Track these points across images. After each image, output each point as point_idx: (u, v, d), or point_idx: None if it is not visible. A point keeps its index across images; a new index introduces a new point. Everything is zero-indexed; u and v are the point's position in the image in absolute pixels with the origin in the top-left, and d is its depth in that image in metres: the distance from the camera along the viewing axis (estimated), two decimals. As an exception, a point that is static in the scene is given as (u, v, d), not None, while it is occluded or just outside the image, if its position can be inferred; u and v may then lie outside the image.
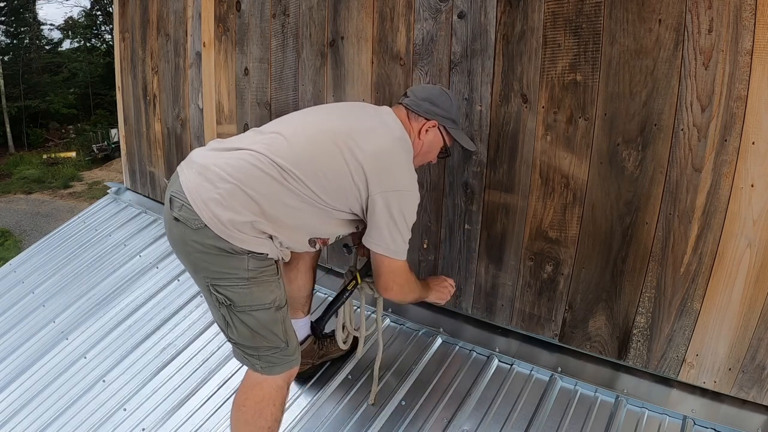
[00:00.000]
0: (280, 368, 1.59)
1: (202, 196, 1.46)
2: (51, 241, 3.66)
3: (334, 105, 1.95)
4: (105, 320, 2.67)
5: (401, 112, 1.70)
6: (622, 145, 1.66)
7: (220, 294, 1.50)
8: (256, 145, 1.53)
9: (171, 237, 1.56)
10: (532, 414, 1.77)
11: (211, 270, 1.49)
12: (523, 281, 1.95)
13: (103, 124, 23.92)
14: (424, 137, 1.69)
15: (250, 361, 1.58)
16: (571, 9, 1.66)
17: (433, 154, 1.76)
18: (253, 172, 1.48)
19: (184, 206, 1.47)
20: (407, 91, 1.75)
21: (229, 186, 1.46)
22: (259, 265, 1.50)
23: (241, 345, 1.57)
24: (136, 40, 3.45)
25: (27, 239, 14.58)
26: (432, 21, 1.96)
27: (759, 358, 1.57)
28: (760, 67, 1.41)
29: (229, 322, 1.54)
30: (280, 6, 2.45)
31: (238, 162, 1.49)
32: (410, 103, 1.69)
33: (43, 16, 41.75)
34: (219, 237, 1.44)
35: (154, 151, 3.51)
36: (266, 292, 1.52)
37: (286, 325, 1.60)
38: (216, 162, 1.51)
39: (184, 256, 1.55)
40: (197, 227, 1.45)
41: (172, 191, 1.53)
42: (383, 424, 1.81)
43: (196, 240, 1.46)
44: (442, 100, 1.70)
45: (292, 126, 1.63)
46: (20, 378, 2.48)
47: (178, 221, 1.49)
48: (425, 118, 1.68)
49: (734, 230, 1.54)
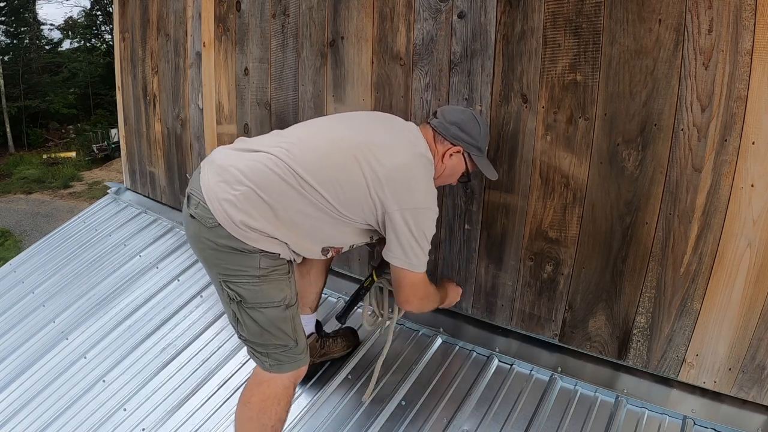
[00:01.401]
0: (289, 366, 1.61)
1: (218, 196, 1.48)
2: (51, 241, 3.66)
3: (361, 114, 1.92)
4: (105, 320, 2.67)
5: (428, 132, 1.69)
6: (622, 145, 1.66)
7: (231, 290, 1.53)
8: (275, 149, 1.54)
9: (187, 232, 1.61)
10: (532, 414, 1.77)
11: (223, 267, 1.52)
12: (523, 281, 1.95)
13: (103, 124, 23.93)
14: (447, 161, 1.69)
15: (259, 359, 1.61)
16: (571, 9, 1.66)
17: (454, 178, 1.77)
18: (269, 177, 1.50)
19: (200, 204, 1.51)
20: (437, 110, 1.74)
21: (245, 189, 1.48)
22: (271, 263, 1.53)
23: (251, 342, 1.60)
24: (136, 40, 3.45)
25: (27, 239, 14.58)
26: (432, 21, 1.96)
27: (759, 358, 1.57)
28: (760, 67, 1.41)
29: (239, 318, 1.57)
30: (280, 6, 2.45)
31: (256, 165, 1.51)
32: (438, 126, 1.68)
33: (43, 16, 41.77)
34: (232, 236, 1.47)
35: (154, 151, 3.51)
36: (276, 290, 1.55)
37: (296, 324, 1.62)
38: (235, 163, 1.53)
39: (198, 252, 1.59)
40: (211, 225, 1.48)
41: (191, 189, 1.57)
42: (383, 424, 1.81)
43: (209, 238, 1.50)
44: (470, 126, 1.68)
45: (314, 133, 1.64)
46: (20, 378, 2.47)
47: (193, 218, 1.53)
48: (451, 143, 1.67)
49: (734, 230, 1.54)
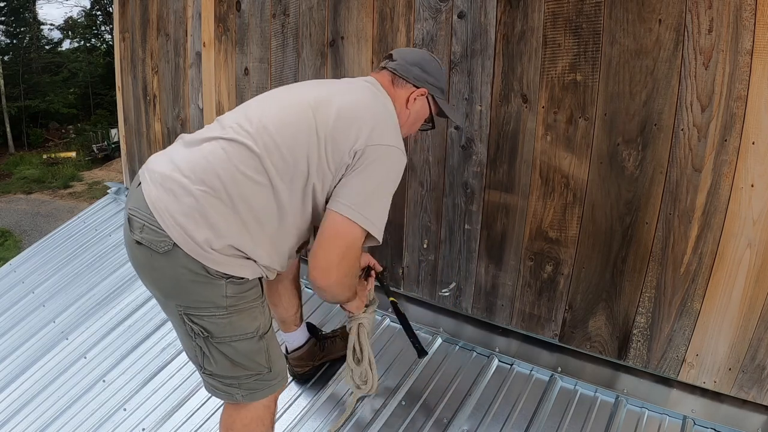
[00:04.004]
0: (262, 393, 1.43)
1: (169, 211, 1.25)
2: (51, 241, 3.66)
3: (302, 82, 1.63)
4: (105, 320, 2.67)
5: (385, 78, 1.52)
6: (622, 145, 1.66)
7: (195, 324, 1.32)
8: (222, 133, 1.33)
9: (134, 261, 1.35)
10: (532, 414, 1.77)
11: (183, 298, 1.30)
12: (523, 281, 1.95)
13: (103, 124, 23.92)
14: (412, 106, 1.52)
15: (229, 392, 1.41)
16: (571, 9, 1.66)
17: (417, 125, 1.61)
18: (220, 169, 1.27)
19: (146, 227, 1.26)
20: (392, 53, 1.58)
21: (199, 194, 1.25)
22: (239, 290, 1.32)
23: (219, 376, 1.40)
24: (136, 40, 3.46)
25: (27, 239, 14.57)
26: (432, 21, 1.96)
27: (759, 358, 1.57)
28: (760, 67, 1.41)
29: (206, 354, 1.36)
30: (280, 6, 2.45)
31: (201, 161, 1.29)
32: (397, 68, 1.51)
33: (43, 16, 41.77)
34: (192, 259, 1.25)
35: (154, 151, 3.50)
36: (248, 320, 1.35)
37: (270, 350, 1.43)
38: (178, 166, 1.29)
39: (150, 283, 1.35)
40: (165, 250, 1.25)
41: (131, 209, 1.31)
42: (383, 424, 1.81)
43: (165, 265, 1.27)
44: (432, 66, 1.55)
45: (263, 103, 1.44)
46: (20, 378, 2.47)
47: (140, 245, 1.28)
48: (414, 86, 1.52)
49: (734, 230, 1.54)
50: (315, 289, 1.37)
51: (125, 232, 1.34)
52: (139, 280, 2.85)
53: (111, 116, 23.69)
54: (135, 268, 1.37)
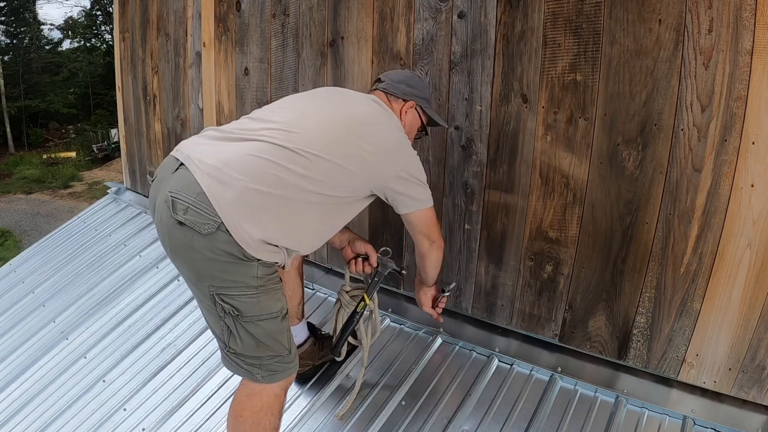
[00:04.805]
0: (281, 375, 1.54)
1: (225, 199, 1.36)
2: (51, 241, 3.67)
3: (323, 90, 1.82)
4: (105, 320, 2.67)
5: (381, 96, 1.76)
6: (622, 145, 1.66)
7: (226, 304, 1.42)
8: (266, 134, 1.46)
9: (172, 242, 1.41)
10: (532, 414, 1.77)
11: (218, 278, 1.40)
12: (523, 281, 1.95)
13: (103, 124, 23.93)
14: (405, 118, 1.76)
15: (250, 371, 1.51)
16: (571, 9, 1.66)
17: (412, 134, 1.82)
18: (269, 169, 1.40)
19: (190, 209, 1.35)
20: (381, 76, 1.82)
21: (246, 189, 1.37)
22: (267, 272, 1.46)
23: (243, 355, 1.50)
24: (136, 40, 3.46)
25: (27, 239, 14.57)
26: (432, 21, 1.96)
27: (759, 358, 1.57)
28: (760, 67, 1.41)
29: (233, 333, 1.46)
30: (280, 6, 2.45)
31: (250, 159, 1.40)
32: (388, 87, 1.77)
33: (43, 16, 41.80)
34: (233, 242, 1.36)
35: (154, 151, 3.51)
36: (273, 300, 1.48)
37: (289, 333, 1.57)
38: (228, 159, 1.40)
39: (187, 264, 1.43)
40: (208, 232, 1.35)
41: (172, 191, 1.38)
42: (383, 424, 1.81)
43: (205, 246, 1.36)
44: (415, 81, 1.79)
45: (304, 112, 1.58)
46: (20, 378, 2.48)
47: (182, 225, 1.36)
48: (403, 100, 1.76)
49: (734, 230, 1.54)
50: (429, 253, 1.77)
51: (162, 214, 1.40)
52: (140, 280, 2.89)
53: (111, 116, 23.69)
54: (170, 249, 1.45)
